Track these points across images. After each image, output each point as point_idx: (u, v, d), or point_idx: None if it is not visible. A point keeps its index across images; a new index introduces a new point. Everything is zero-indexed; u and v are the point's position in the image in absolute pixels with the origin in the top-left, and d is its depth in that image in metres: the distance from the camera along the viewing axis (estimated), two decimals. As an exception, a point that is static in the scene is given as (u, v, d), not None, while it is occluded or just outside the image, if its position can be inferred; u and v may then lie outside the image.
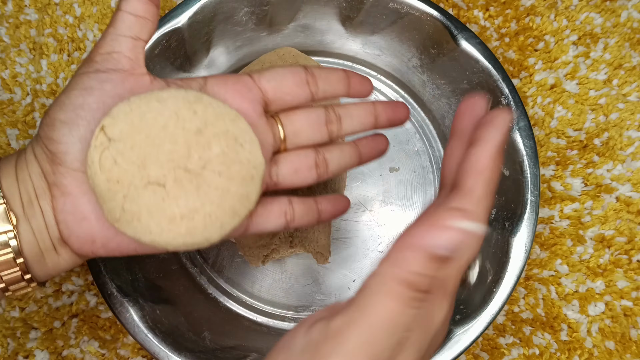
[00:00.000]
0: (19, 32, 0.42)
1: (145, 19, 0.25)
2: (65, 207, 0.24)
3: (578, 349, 0.37)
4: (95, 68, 0.24)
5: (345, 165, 0.29)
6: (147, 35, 0.25)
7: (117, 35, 0.25)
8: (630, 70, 0.42)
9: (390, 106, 0.30)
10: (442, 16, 0.36)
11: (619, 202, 0.40)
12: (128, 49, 0.25)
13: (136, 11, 0.25)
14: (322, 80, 0.28)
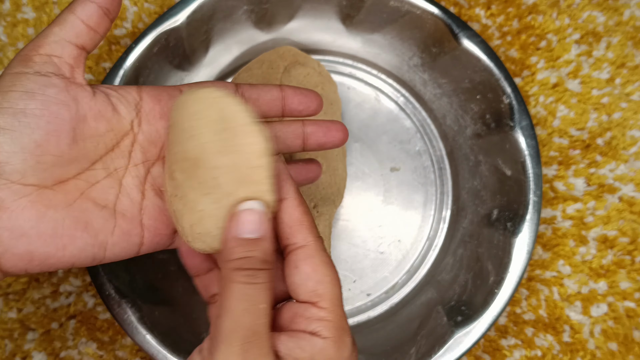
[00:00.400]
0: (17, 30, 0.42)
1: (95, 31, 0.24)
2: (1, 223, 0.22)
3: (580, 351, 0.37)
4: (34, 70, 0.22)
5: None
6: (92, 47, 0.24)
7: (61, 39, 0.23)
8: (633, 69, 0.41)
9: (322, 129, 0.28)
10: (443, 14, 0.36)
11: (622, 202, 0.39)
12: (71, 56, 0.23)
13: (89, 21, 0.24)
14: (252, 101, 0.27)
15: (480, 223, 0.37)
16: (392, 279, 0.38)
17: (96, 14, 0.24)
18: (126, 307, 0.32)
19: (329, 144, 0.29)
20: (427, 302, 0.36)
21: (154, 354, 0.32)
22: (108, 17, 0.24)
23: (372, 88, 0.41)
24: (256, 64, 0.39)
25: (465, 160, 0.39)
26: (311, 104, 0.28)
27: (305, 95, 0.28)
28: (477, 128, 0.38)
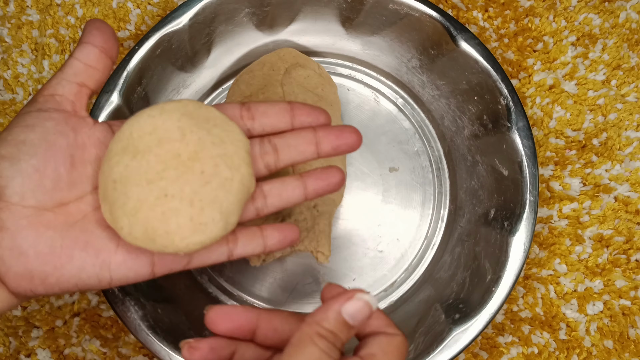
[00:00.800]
0: (21, 32, 0.42)
1: (95, 69, 0.26)
2: (2, 242, 0.23)
3: (577, 348, 0.38)
4: (37, 107, 0.25)
5: (287, 200, 0.28)
6: (94, 84, 0.26)
7: (62, 79, 0.25)
8: (629, 70, 0.42)
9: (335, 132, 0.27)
10: (441, 17, 0.37)
11: (617, 201, 0.40)
12: (72, 93, 0.25)
13: (87, 60, 0.26)
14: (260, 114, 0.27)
15: (477, 222, 0.37)
16: (390, 277, 0.39)
17: (93, 53, 0.26)
18: (129, 305, 0.32)
19: (343, 147, 0.28)
20: (425, 300, 0.37)
21: (156, 351, 0.32)
22: (107, 55, 0.26)
23: (371, 89, 0.42)
24: (257, 65, 0.39)
25: (463, 161, 0.39)
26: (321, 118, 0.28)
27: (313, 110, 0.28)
28: (474, 129, 0.39)
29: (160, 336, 0.32)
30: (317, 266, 0.39)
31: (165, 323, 0.33)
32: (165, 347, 0.32)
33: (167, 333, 0.32)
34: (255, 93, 0.38)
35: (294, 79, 0.39)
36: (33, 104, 0.25)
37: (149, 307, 0.33)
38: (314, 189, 0.28)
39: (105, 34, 0.26)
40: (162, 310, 0.34)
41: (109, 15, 0.43)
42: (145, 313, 0.32)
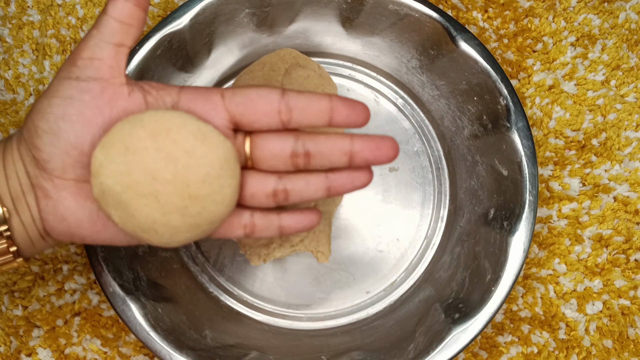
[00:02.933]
0: (22, 33, 0.42)
1: (130, 25, 0.25)
2: (46, 208, 0.26)
3: (576, 348, 0.38)
4: (76, 75, 0.25)
5: (308, 198, 0.27)
6: (131, 41, 0.26)
7: (100, 41, 0.25)
8: (628, 71, 0.42)
9: (372, 147, 0.26)
10: (441, 17, 0.37)
11: (616, 201, 0.40)
12: (110, 56, 0.25)
13: (121, 17, 0.25)
14: (298, 111, 0.26)
15: (477, 222, 0.37)
16: (390, 277, 0.39)
17: (127, 9, 0.25)
18: (130, 304, 0.32)
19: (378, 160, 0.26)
20: (425, 299, 0.37)
21: (157, 350, 0.32)
22: (140, 8, 0.25)
23: (371, 90, 0.42)
24: (257, 66, 0.39)
25: (463, 161, 0.39)
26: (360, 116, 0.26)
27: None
28: (474, 129, 0.39)
29: (160, 335, 0.32)
30: (317, 266, 0.39)
31: (165, 322, 0.33)
32: (165, 347, 0.32)
33: (168, 332, 0.33)
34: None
35: (294, 79, 0.39)
36: (72, 68, 0.25)
37: (150, 306, 0.33)
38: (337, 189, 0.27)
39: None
40: (162, 309, 0.34)
41: (110, 16, 0.43)
42: (145, 312, 0.33)
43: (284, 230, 0.28)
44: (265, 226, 0.28)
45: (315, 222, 0.29)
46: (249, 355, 0.34)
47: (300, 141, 0.26)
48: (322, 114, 0.26)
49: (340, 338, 0.37)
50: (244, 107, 0.26)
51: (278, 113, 0.26)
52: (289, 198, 0.27)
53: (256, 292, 0.38)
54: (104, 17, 0.25)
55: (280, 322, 0.38)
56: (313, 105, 0.26)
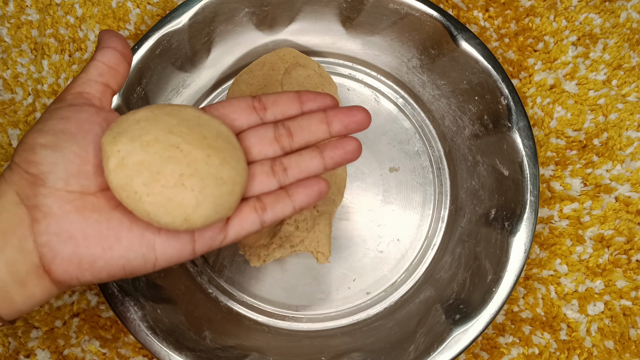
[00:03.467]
0: (21, 32, 0.42)
1: (116, 70, 0.27)
2: (49, 228, 0.24)
3: (577, 349, 0.38)
4: (68, 103, 0.26)
5: (306, 169, 0.29)
6: (116, 85, 0.27)
7: (88, 79, 0.27)
8: (630, 70, 0.42)
9: (344, 112, 0.29)
10: (442, 17, 0.37)
11: (618, 202, 0.40)
12: (98, 91, 0.27)
13: (109, 62, 0.27)
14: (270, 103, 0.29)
15: (478, 222, 0.37)
16: (391, 277, 0.39)
17: (114, 56, 0.27)
18: (129, 306, 0.32)
19: (354, 126, 0.29)
20: (426, 300, 0.37)
21: (156, 351, 0.32)
22: (125, 60, 0.28)
23: (371, 89, 0.42)
24: (257, 65, 0.39)
25: (464, 161, 0.39)
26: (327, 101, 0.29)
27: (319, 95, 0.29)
28: (475, 129, 0.38)
29: (159, 337, 0.32)
30: (317, 266, 0.38)
31: (164, 323, 0.33)
32: (164, 348, 0.32)
33: (167, 333, 0.32)
34: (255, 93, 0.38)
35: (294, 78, 0.39)
36: (62, 101, 0.26)
37: (149, 307, 0.33)
38: (332, 157, 0.29)
39: (122, 41, 0.28)
40: (161, 310, 0.34)
41: (109, 15, 0.42)
42: (144, 313, 0.32)
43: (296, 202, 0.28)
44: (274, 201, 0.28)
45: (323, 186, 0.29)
46: (249, 356, 0.34)
47: (280, 124, 0.29)
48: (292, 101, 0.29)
49: (341, 339, 0.37)
50: (224, 109, 0.28)
51: (253, 108, 0.29)
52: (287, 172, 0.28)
53: (256, 293, 0.38)
54: (92, 62, 0.27)
55: (280, 323, 0.38)
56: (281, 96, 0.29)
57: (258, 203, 0.28)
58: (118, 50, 0.27)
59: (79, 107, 0.26)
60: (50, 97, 0.41)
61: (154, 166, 0.23)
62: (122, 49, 0.28)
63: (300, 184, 0.29)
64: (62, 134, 0.24)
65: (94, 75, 0.27)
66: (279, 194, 0.28)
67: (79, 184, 0.24)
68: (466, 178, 0.39)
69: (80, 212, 0.24)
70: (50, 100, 0.41)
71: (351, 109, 0.29)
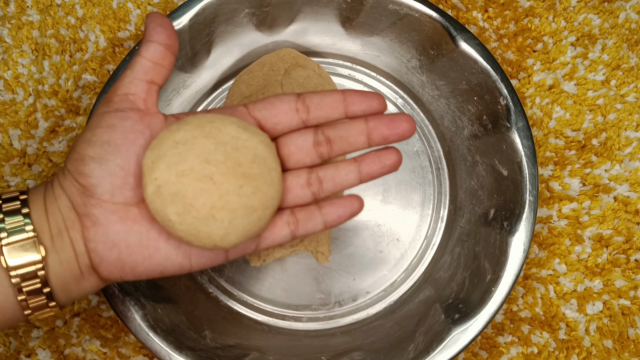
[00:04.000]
0: (21, 33, 0.42)
1: (161, 65, 0.28)
2: (96, 236, 0.25)
3: (576, 348, 0.38)
4: (114, 107, 0.26)
5: (342, 183, 0.29)
6: (161, 80, 0.28)
7: (134, 79, 0.27)
8: (628, 71, 0.42)
9: (386, 123, 0.27)
10: (441, 17, 0.37)
11: (617, 201, 0.40)
12: (143, 91, 0.27)
13: (154, 58, 0.27)
14: (314, 106, 0.28)
15: (477, 222, 0.37)
16: (390, 277, 0.39)
17: (158, 51, 0.27)
18: (129, 305, 0.32)
19: (395, 136, 0.28)
20: (425, 300, 0.37)
21: (156, 351, 0.32)
22: (170, 51, 0.28)
23: (371, 90, 0.42)
24: (257, 66, 0.39)
25: (463, 161, 0.39)
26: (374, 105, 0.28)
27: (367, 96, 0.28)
28: (474, 129, 0.39)
29: (160, 336, 0.32)
30: (317, 266, 0.39)
31: (165, 323, 0.33)
32: (165, 347, 0.32)
33: (167, 333, 0.32)
34: (255, 93, 0.38)
35: (293, 79, 0.39)
36: (109, 104, 0.27)
37: (149, 307, 0.33)
38: (368, 172, 0.29)
39: (167, 30, 0.28)
40: (162, 310, 0.34)
41: (109, 16, 0.43)
42: (145, 313, 0.32)
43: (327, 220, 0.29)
44: (307, 217, 0.28)
45: (357, 207, 0.29)
46: (249, 355, 0.34)
47: (320, 131, 0.28)
48: (337, 104, 0.28)
49: (340, 338, 0.37)
50: (266, 111, 0.28)
51: (296, 111, 0.28)
52: (323, 185, 0.28)
53: (256, 292, 0.38)
54: (138, 58, 0.27)
55: (280, 322, 0.38)
56: (327, 98, 0.28)
57: (291, 217, 0.28)
58: (162, 43, 0.27)
59: (124, 113, 0.26)
60: (51, 98, 0.41)
61: (187, 198, 0.24)
62: (166, 41, 0.27)
63: (335, 202, 0.29)
64: (107, 146, 0.25)
65: (139, 74, 0.27)
66: (313, 210, 0.29)
67: (122, 195, 0.26)
68: (465, 178, 0.39)
69: (124, 223, 0.26)
70: (51, 101, 0.41)
71: (394, 120, 0.27)
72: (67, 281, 0.26)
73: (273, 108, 0.28)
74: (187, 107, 0.41)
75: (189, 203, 0.24)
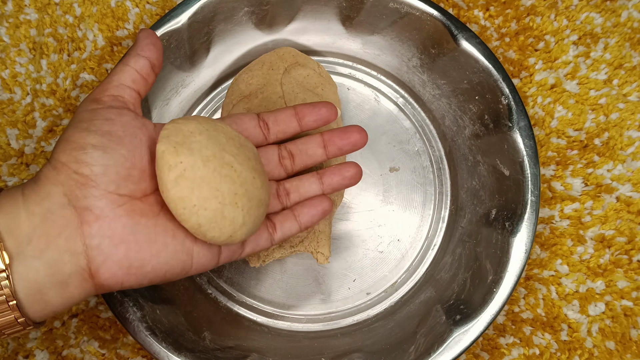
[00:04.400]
0: (19, 31, 0.42)
1: (146, 80, 0.28)
2: (100, 231, 0.23)
3: (578, 349, 0.37)
4: (107, 105, 0.26)
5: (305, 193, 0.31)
6: (144, 93, 0.28)
7: (121, 84, 0.27)
8: (631, 70, 0.42)
9: (339, 135, 0.31)
10: (442, 16, 0.36)
11: (619, 202, 0.40)
12: (131, 97, 0.27)
13: (142, 71, 0.28)
14: (272, 122, 0.31)
15: (478, 222, 0.37)
16: (391, 278, 0.38)
17: (146, 66, 0.28)
18: (128, 306, 0.32)
19: (348, 147, 0.31)
20: (426, 300, 0.37)
21: (155, 352, 0.32)
22: (154, 71, 0.28)
23: (371, 89, 0.42)
24: (257, 65, 0.39)
25: (464, 161, 0.39)
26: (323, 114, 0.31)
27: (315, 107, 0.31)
28: (475, 128, 0.38)
29: (158, 337, 0.32)
30: (317, 267, 0.38)
31: (163, 324, 0.33)
32: (164, 349, 0.32)
33: (166, 334, 0.32)
34: (255, 92, 0.38)
35: (293, 78, 0.38)
36: (99, 101, 0.26)
37: (148, 308, 0.33)
38: (329, 183, 0.32)
39: (158, 51, 0.29)
40: (160, 311, 0.34)
41: (108, 14, 0.42)
42: (143, 314, 0.32)
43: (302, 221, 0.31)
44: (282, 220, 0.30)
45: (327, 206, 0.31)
46: (249, 357, 0.34)
47: (282, 147, 0.31)
48: (290, 118, 0.31)
49: (341, 340, 0.36)
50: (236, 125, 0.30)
51: (259, 127, 0.31)
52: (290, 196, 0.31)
53: (255, 293, 0.38)
54: (126, 67, 0.28)
55: (280, 323, 0.38)
56: (280, 114, 0.31)
57: (269, 222, 0.30)
58: (151, 61, 0.28)
59: (119, 109, 0.26)
60: (48, 97, 0.41)
61: (213, 182, 0.24)
62: (154, 60, 0.28)
63: (305, 203, 0.31)
64: (110, 136, 0.25)
65: (127, 81, 0.27)
66: (286, 214, 0.31)
67: (128, 188, 0.25)
68: (467, 178, 0.39)
69: (131, 217, 0.24)
70: (48, 100, 0.41)
71: (346, 131, 0.31)
72: (44, 290, 0.23)
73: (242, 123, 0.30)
74: (186, 106, 0.40)
75: (215, 188, 0.24)
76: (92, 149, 0.24)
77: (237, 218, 0.25)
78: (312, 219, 0.31)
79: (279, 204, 0.31)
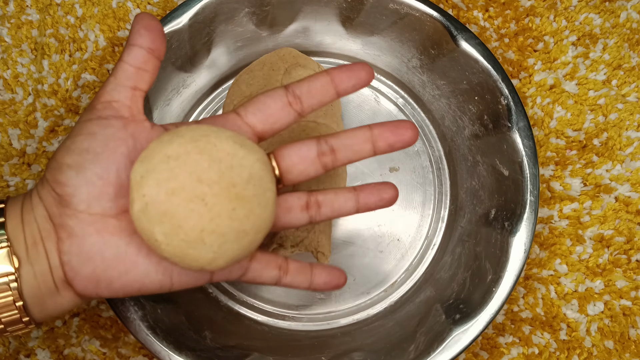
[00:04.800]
0: (21, 32, 0.42)
1: (144, 70, 0.26)
2: (71, 249, 0.24)
3: (577, 349, 0.38)
4: (97, 115, 0.25)
5: (339, 210, 0.29)
6: (146, 85, 0.27)
7: (117, 85, 0.26)
8: (630, 70, 0.42)
9: (389, 128, 0.27)
10: (442, 17, 0.37)
11: (618, 202, 0.40)
12: (127, 97, 0.26)
13: (136, 63, 0.26)
14: (305, 95, 0.27)
15: (478, 222, 0.37)
16: (391, 277, 0.39)
17: (140, 55, 0.26)
18: (129, 305, 0.32)
19: (399, 143, 0.27)
20: (426, 300, 0.37)
21: (156, 351, 0.32)
22: (154, 55, 0.26)
23: (371, 89, 0.42)
24: (257, 65, 0.39)
25: (464, 161, 0.39)
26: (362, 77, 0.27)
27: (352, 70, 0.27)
28: (475, 129, 0.38)
29: (160, 336, 0.32)
30: (317, 266, 0.38)
31: (165, 323, 0.33)
32: (165, 348, 0.32)
33: (167, 333, 0.32)
34: (255, 93, 0.38)
35: (294, 78, 0.39)
36: (92, 111, 0.26)
37: (149, 307, 0.33)
38: (365, 203, 0.29)
39: (152, 33, 0.26)
40: (161, 310, 0.34)
41: (109, 15, 0.42)
42: (144, 313, 0.32)
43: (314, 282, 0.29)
44: (297, 270, 0.29)
45: (342, 281, 0.30)
46: (249, 356, 0.34)
47: (323, 140, 0.28)
48: (326, 87, 0.27)
49: (341, 339, 0.37)
50: (260, 113, 0.27)
51: (289, 105, 0.27)
52: (321, 210, 0.28)
53: (256, 292, 0.38)
54: (120, 63, 0.26)
55: (280, 322, 0.38)
56: (315, 83, 0.27)
57: (283, 263, 0.28)
58: (145, 47, 0.26)
59: (106, 120, 0.25)
60: (50, 97, 0.41)
61: (176, 218, 0.23)
62: (149, 45, 0.26)
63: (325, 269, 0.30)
64: (86, 154, 0.24)
65: (121, 80, 0.26)
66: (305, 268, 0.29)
67: (100, 206, 0.24)
68: (466, 178, 0.39)
69: (101, 235, 0.24)
70: (50, 100, 0.41)
71: (399, 127, 0.27)
72: (42, 295, 0.25)
73: (267, 108, 0.27)
74: (187, 107, 0.41)
75: (177, 224, 0.23)
76: (67, 169, 0.24)
77: (203, 254, 0.24)
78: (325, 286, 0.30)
79: (307, 217, 0.28)
